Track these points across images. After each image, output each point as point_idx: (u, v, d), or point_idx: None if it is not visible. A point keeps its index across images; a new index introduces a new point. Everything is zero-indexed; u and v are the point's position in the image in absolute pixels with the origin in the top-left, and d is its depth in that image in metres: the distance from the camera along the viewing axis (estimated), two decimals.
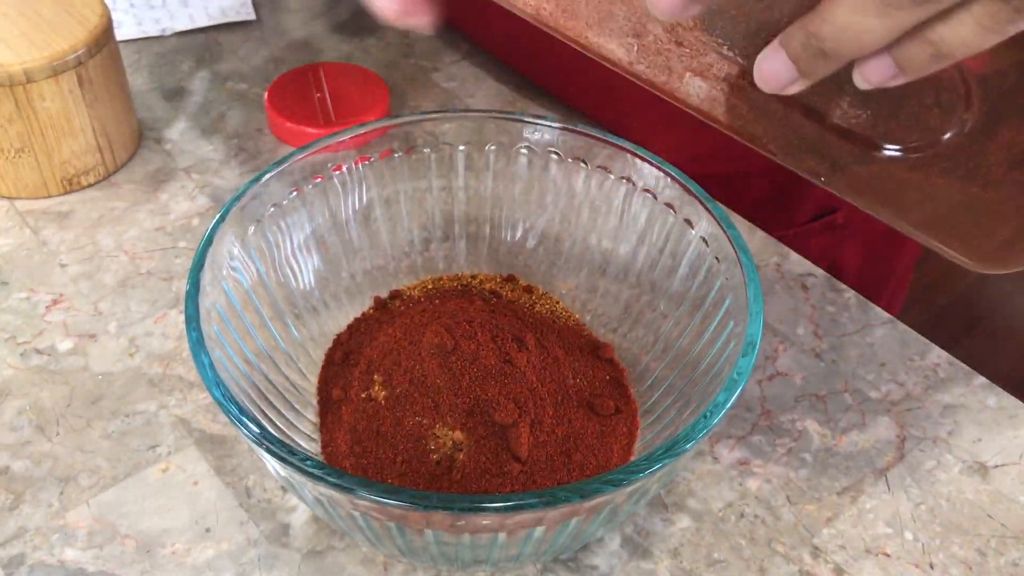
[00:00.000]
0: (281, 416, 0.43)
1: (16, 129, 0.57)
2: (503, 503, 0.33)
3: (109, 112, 0.60)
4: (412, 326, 0.47)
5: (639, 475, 0.34)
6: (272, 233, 0.46)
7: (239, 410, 0.36)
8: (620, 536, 0.44)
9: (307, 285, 0.49)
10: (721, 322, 0.43)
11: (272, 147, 0.65)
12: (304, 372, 0.47)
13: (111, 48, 0.59)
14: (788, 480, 0.47)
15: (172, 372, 0.50)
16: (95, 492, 0.45)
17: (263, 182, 0.45)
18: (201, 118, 0.68)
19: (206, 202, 0.61)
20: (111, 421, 0.48)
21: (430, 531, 0.35)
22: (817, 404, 0.50)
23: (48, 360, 0.51)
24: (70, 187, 0.61)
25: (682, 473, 0.47)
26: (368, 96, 0.66)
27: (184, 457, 0.46)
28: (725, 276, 0.43)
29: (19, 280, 0.55)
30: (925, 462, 0.48)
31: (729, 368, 0.38)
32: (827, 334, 0.54)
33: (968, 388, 0.51)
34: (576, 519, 0.35)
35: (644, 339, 0.49)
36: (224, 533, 0.44)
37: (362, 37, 0.77)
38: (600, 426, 0.45)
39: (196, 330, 0.38)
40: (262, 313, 0.45)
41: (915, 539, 0.44)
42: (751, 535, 0.44)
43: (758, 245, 0.59)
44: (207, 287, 0.40)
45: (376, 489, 0.33)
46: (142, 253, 0.57)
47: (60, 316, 0.53)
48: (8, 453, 0.46)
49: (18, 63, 0.55)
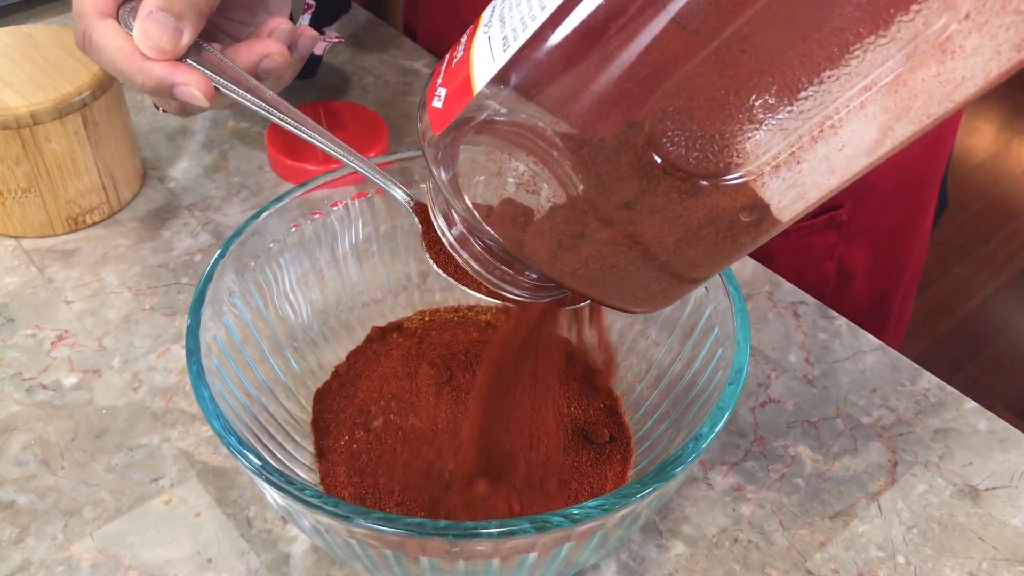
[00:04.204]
0: (280, 447, 0.44)
1: (23, 170, 0.58)
2: (496, 529, 0.34)
3: (113, 152, 0.62)
4: (409, 357, 0.48)
5: (629, 500, 0.34)
6: (272, 268, 0.47)
7: (238, 441, 0.37)
8: (615, 563, 0.45)
9: (306, 318, 0.50)
10: (711, 349, 0.43)
11: (273, 184, 0.67)
12: (303, 403, 0.48)
13: (115, 90, 0.61)
14: (781, 505, 0.47)
15: (175, 405, 0.51)
16: (99, 525, 0.46)
17: (262, 219, 0.46)
18: (203, 156, 0.69)
19: (208, 238, 0.62)
20: (115, 454, 0.49)
21: (426, 558, 0.36)
22: (809, 430, 0.51)
23: (53, 395, 0.52)
24: (75, 226, 0.62)
25: (676, 499, 0.47)
26: (367, 133, 0.68)
27: (186, 489, 0.47)
28: (714, 305, 0.44)
29: (25, 317, 0.56)
30: (917, 486, 0.48)
31: (718, 395, 0.39)
32: (819, 360, 0.55)
33: (959, 412, 0.52)
34: (568, 544, 0.36)
35: (637, 367, 0.50)
36: (226, 564, 0.44)
37: (360, 76, 0.78)
38: (595, 454, 0.46)
39: (196, 363, 0.39)
40: (262, 346, 0.46)
41: (907, 562, 0.45)
42: (745, 560, 0.45)
43: (749, 274, 0.60)
44: (208, 322, 0.41)
45: (372, 517, 0.34)
46: (145, 289, 0.58)
47: (65, 352, 0.54)
48: (14, 487, 0.47)
49: (25, 106, 0.56)
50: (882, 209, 0.72)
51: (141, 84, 0.43)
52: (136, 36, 0.42)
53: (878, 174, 0.69)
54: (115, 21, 0.43)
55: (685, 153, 0.28)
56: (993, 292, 1.90)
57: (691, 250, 0.31)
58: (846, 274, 0.73)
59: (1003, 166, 2.24)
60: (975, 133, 2.33)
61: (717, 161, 0.28)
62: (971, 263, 1.97)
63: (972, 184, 2.16)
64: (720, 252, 0.32)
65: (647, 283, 0.33)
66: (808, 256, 0.71)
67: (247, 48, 0.44)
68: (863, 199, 0.70)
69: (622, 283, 0.32)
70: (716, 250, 0.32)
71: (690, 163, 0.28)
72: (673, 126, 0.28)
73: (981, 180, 2.19)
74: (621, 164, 0.28)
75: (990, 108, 2.41)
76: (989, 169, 2.23)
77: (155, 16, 0.41)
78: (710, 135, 0.28)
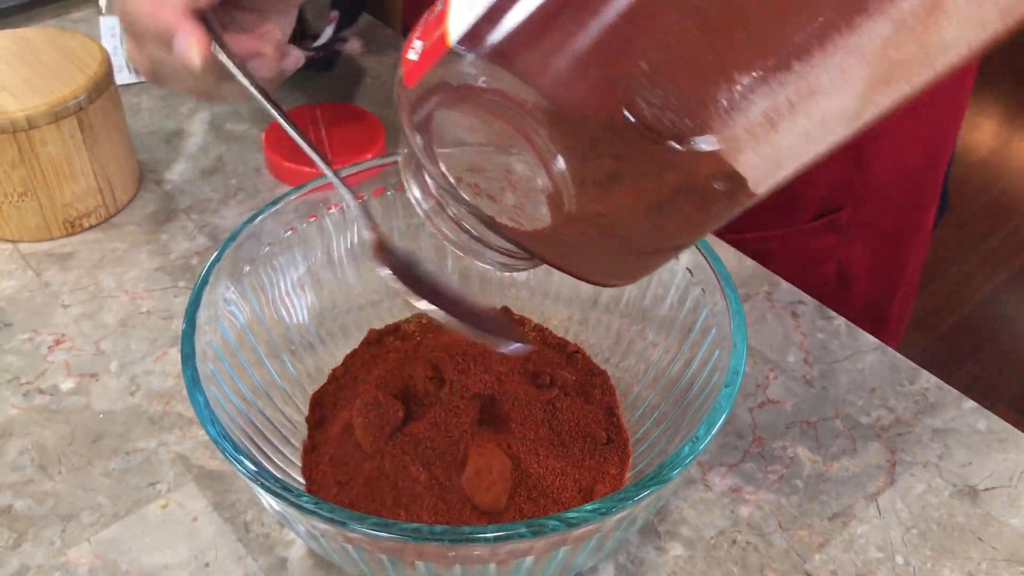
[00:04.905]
0: (277, 451, 0.44)
1: (19, 174, 0.58)
2: (492, 533, 0.33)
3: (110, 155, 0.62)
4: (406, 360, 0.48)
5: (625, 504, 0.34)
6: (268, 272, 0.47)
7: (234, 447, 0.36)
8: (613, 565, 0.45)
9: (302, 322, 0.50)
10: (708, 350, 0.43)
11: (270, 187, 0.67)
12: (300, 407, 0.48)
13: (111, 93, 0.61)
14: (780, 506, 0.47)
15: (172, 410, 0.51)
16: (96, 529, 0.46)
17: (258, 222, 0.46)
18: (200, 159, 0.69)
19: (205, 241, 0.62)
20: (112, 459, 0.49)
21: (422, 563, 0.36)
22: (808, 430, 0.51)
23: (50, 400, 0.52)
24: (72, 229, 0.62)
25: (674, 501, 0.47)
26: (364, 135, 0.68)
27: (183, 493, 0.47)
28: (710, 306, 0.44)
29: (22, 321, 0.56)
30: (916, 486, 0.48)
31: (715, 397, 0.39)
32: (817, 361, 0.55)
33: (958, 412, 0.52)
34: (565, 548, 0.36)
35: (635, 368, 0.49)
36: (223, 568, 0.44)
37: (358, 77, 0.78)
38: (592, 456, 0.46)
39: (192, 368, 0.39)
40: (258, 350, 0.46)
41: (906, 563, 0.45)
42: (743, 562, 0.45)
43: (748, 273, 0.60)
44: (203, 326, 0.41)
45: (368, 522, 0.34)
46: (142, 293, 0.58)
47: (62, 356, 0.54)
48: (11, 492, 0.47)
49: (20, 110, 0.56)
50: (882, 211, 0.71)
51: (145, 25, 0.42)
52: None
53: (878, 176, 0.70)
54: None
55: (659, 113, 0.27)
56: (994, 289, 1.90)
57: (666, 220, 0.31)
58: (846, 276, 0.73)
59: (1004, 162, 2.23)
60: (976, 129, 2.33)
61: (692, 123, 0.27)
62: (972, 260, 1.97)
63: (973, 181, 2.16)
64: (694, 222, 0.31)
65: (622, 255, 0.32)
66: (808, 259, 0.71)
67: (245, 39, 0.45)
68: (863, 201, 0.70)
69: (597, 254, 0.32)
70: (690, 221, 0.31)
71: (664, 124, 0.27)
72: (649, 84, 0.27)
73: (982, 177, 2.18)
74: (596, 126, 0.28)
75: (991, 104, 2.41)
76: (990, 166, 2.22)
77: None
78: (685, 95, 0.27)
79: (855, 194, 0.69)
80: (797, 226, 0.70)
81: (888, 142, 0.67)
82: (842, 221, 0.71)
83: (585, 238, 0.31)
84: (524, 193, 0.30)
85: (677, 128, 0.28)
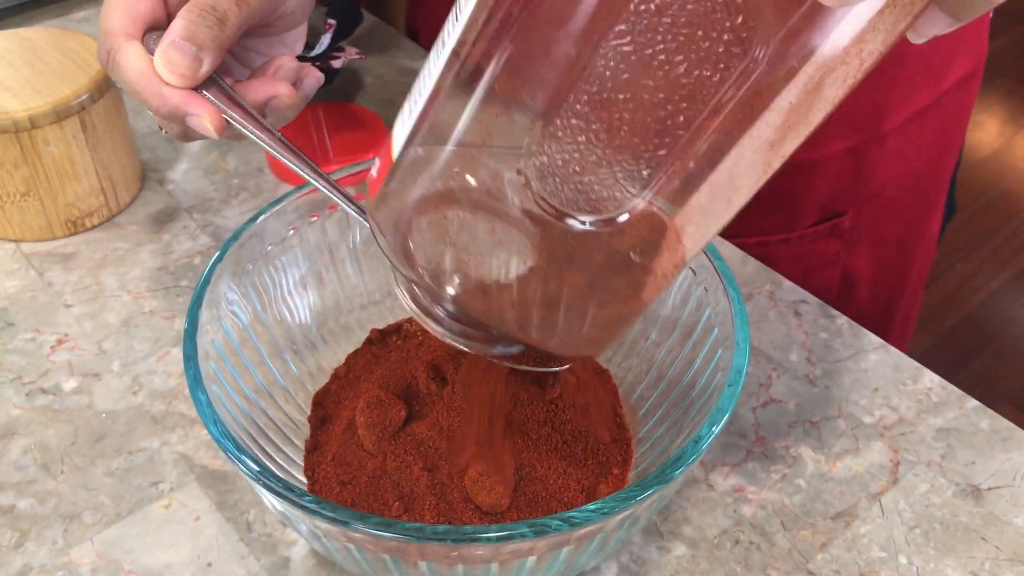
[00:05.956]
0: (279, 451, 0.44)
1: (21, 174, 0.58)
2: (495, 533, 0.33)
3: (112, 155, 0.62)
4: (408, 359, 0.48)
5: (627, 504, 0.34)
6: (270, 271, 0.47)
7: (236, 446, 0.36)
8: (616, 565, 0.45)
9: (305, 321, 0.50)
10: (711, 350, 0.43)
11: (272, 186, 0.67)
12: (302, 407, 0.48)
13: (113, 93, 0.61)
14: (782, 506, 0.47)
15: (174, 409, 0.51)
16: (99, 529, 0.46)
17: (260, 221, 0.46)
18: (203, 158, 0.69)
19: (208, 241, 0.62)
20: (114, 459, 0.49)
21: (424, 563, 0.36)
22: (811, 430, 0.51)
23: (53, 399, 0.52)
24: (74, 229, 0.62)
25: (677, 500, 0.47)
26: (366, 135, 0.68)
27: (186, 493, 0.47)
28: (713, 305, 0.44)
29: (25, 321, 0.56)
30: (919, 486, 0.48)
31: (718, 397, 0.39)
32: (820, 360, 0.54)
33: (961, 411, 0.52)
34: (567, 548, 0.36)
35: (638, 367, 0.49)
36: (225, 568, 0.44)
37: (361, 77, 0.78)
38: (595, 456, 0.46)
39: (194, 368, 0.39)
40: (260, 350, 0.46)
41: (909, 563, 0.45)
42: (746, 561, 0.45)
43: (751, 273, 0.60)
44: (205, 325, 0.41)
45: (370, 522, 0.34)
46: (145, 292, 0.58)
47: (65, 356, 0.54)
48: (14, 492, 0.47)
49: (23, 110, 0.56)
50: (886, 216, 0.71)
51: (156, 108, 0.44)
52: (156, 61, 0.42)
53: (881, 182, 0.69)
54: (140, 44, 0.44)
55: (562, 196, 0.29)
56: (998, 287, 1.90)
57: (605, 293, 0.33)
58: (850, 282, 0.72)
59: (1008, 161, 2.23)
60: (979, 128, 2.32)
61: (592, 201, 0.30)
62: (976, 258, 1.96)
63: (977, 179, 2.16)
64: (630, 293, 0.33)
65: (586, 329, 0.34)
66: (811, 264, 0.71)
67: (258, 85, 0.45)
68: (866, 206, 0.69)
69: (567, 332, 0.34)
70: (626, 292, 0.33)
71: (569, 205, 0.30)
72: (544, 172, 0.29)
73: (986, 175, 2.18)
74: (517, 214, 0.30)
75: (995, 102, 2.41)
76: (994, 164, 2.22)
77: (177, 44, 0.42)
78: (577, 179, 0.29)
79: (857, 199, 0.69)
80: (798, 231, 0.69)
81: (892, 148, 0.67)
82: (844, 226, 0.71)
83: (551, 317, 0.33)
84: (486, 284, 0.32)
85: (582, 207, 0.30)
